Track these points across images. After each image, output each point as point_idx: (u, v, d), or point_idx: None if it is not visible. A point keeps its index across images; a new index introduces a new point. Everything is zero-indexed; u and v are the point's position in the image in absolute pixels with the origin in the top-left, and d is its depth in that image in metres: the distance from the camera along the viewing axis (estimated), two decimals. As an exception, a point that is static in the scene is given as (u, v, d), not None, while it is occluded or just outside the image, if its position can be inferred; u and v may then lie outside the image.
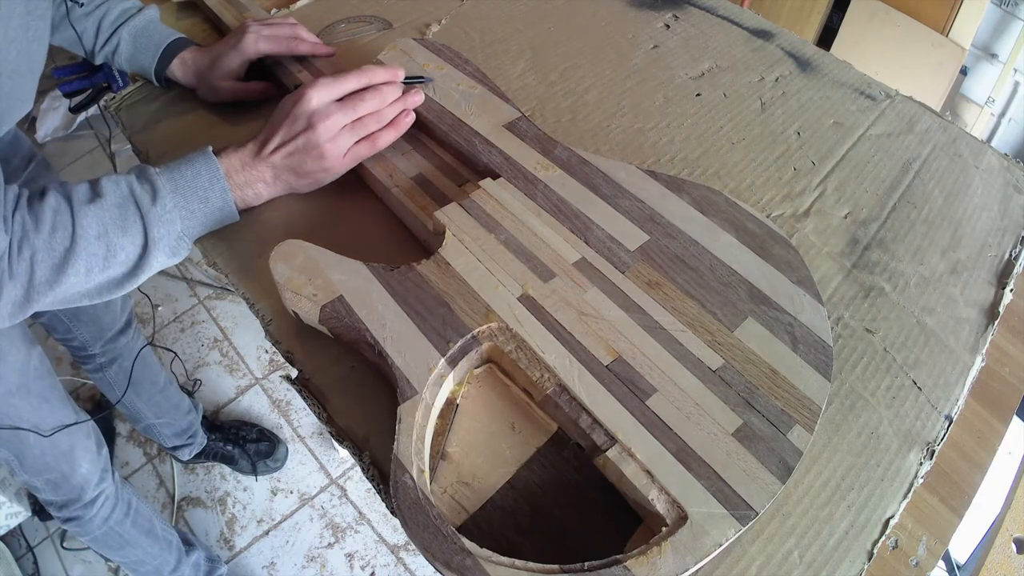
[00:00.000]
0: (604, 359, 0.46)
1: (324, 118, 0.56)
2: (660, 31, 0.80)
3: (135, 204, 0.51)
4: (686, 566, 0.38)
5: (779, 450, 0.42)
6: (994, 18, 1.76)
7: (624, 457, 0.42)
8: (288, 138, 0.56)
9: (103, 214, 0.49)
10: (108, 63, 0.71)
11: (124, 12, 0.68)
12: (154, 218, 0.51)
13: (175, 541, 1.12)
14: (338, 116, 0.56)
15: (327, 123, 0.56)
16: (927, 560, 0.45)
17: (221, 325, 1.67)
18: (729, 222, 0.54)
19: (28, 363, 0.79)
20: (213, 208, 0.54)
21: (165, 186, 0.52)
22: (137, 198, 0.51)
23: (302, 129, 0.56)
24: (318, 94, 0.56)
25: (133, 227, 0.50)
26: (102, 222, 0.49)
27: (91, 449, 0.90)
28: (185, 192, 0.53)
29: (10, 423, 0.79)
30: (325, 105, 0.56)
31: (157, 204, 0.51)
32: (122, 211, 0.50)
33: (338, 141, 0.57)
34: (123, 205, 0.50)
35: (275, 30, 0.71)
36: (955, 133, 0.69)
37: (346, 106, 0.57)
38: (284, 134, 0.56)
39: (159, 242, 0.52)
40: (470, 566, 0.37)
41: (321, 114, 0.56)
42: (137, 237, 0.51)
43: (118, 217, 0.50)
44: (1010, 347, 0.56)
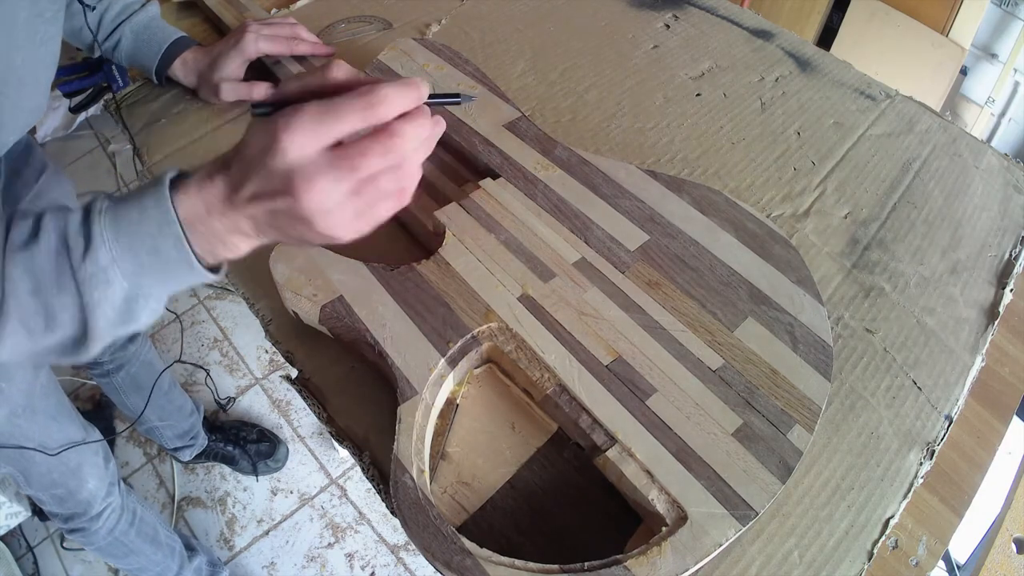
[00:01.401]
0: (604, 359, 0.46)
1: (307, 184, 0.37)
2: (660, 31, 0.80)
3: (67, 256, 0.39)
4: (686, 566, 0.38)
5: (779, 450, 0.42)
6: (994, 18, 1.76)
7: (624, 457, 0.42)
8: (263, 192, 0.38)
9: (36, 265, 0.39)
10: (108, 59, 0.71)
11: (126, 8, 0.68)
12: (85, 277, 0.39)
13: (178, 547, 1.12)
14: (329, 182, 0.37)
15: (313, 192, 0.37)
16: (927, 560, 0.45)
17: (221, 325, 1.67)
18: (729, 222, 0.54)
19: (35, 383, 0.78)
20: (169, 261, 0.40)
21: (104, 234, 0.39)
22: (70, 248, 0.39)
23: (279, 191, 0.38)
24: (297, 140, 0.36)
25: (67, 285, 0.39)
26: (34, 275, 0.39)
27: (99, 465, 0.90)
28: (131, 241, 0.39)
29: (15, 443, 0.78)
30: (310, 160, 0.37)
31: (87, 260, 0.39)
32: (57, 263, 0.39)
33: (336, 215, 0.39)
34: (58, 255, 0.39)
35: (275, 30, 0.71)
36: (955, 133, 0.69)
37: (342, 164, 0.37)
38: (258, 184, 0.38)
39: (97, 308, 0.40)
40: (470, 566, 0.37)
41: (303, 176, 0.37)
42: (70, 299, 0.39)
43: (53, 270, 0.39)
44: (1010, 347, 0.56)
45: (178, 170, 0.41)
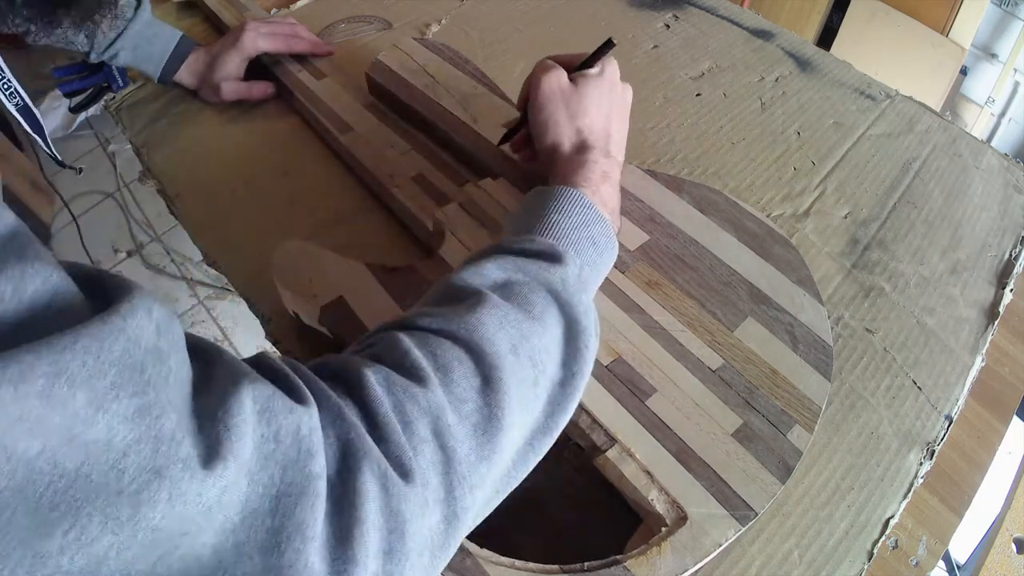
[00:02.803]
0: (604, 359, 0.46)
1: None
2: (660, 31, 0.80)
3: (531, 279, 0.36)
4: (685, 566, 0.38)
5: (779, 450, 0.42)
6: (994, 18, 1.76)
7: (624, 457, 0.42)
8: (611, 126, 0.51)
9: (501, 312, 0.33)
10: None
11: (118, 18, 0.64)
12: (573, 283, 0.37)
13: None
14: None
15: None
16: (927, 560, 0.45)
17: (221, 325, 1.66)
18: (729, 222, 0.54)
19: None
20: (603, 249, 0.44)
21: (548, 240, 0.40)
22: (530, 270, 0.37)
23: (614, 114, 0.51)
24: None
25: (548, 313, 0.35)
26: (508, 323, 0.33)
27: None
28: (575, 237, 0.41)
29: None
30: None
31: (567, 261, 0.38)
32: (519, 299, 0.35)
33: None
34: (513, 289, 0.35)
35: (274, 28, 0.71)
36: (955, 133, 0.69)
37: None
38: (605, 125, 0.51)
39: (589, 314, 0.37)
40: (470, 566, 0.37)
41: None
42: (557, 327, 0.35)
43: (520, 309, 0.34)
44: (1010, 347, 0.56)
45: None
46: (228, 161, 0.66)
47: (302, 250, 0.51)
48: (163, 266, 1.76)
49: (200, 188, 0.64)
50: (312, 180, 0.64)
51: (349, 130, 0.64)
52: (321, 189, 0.63)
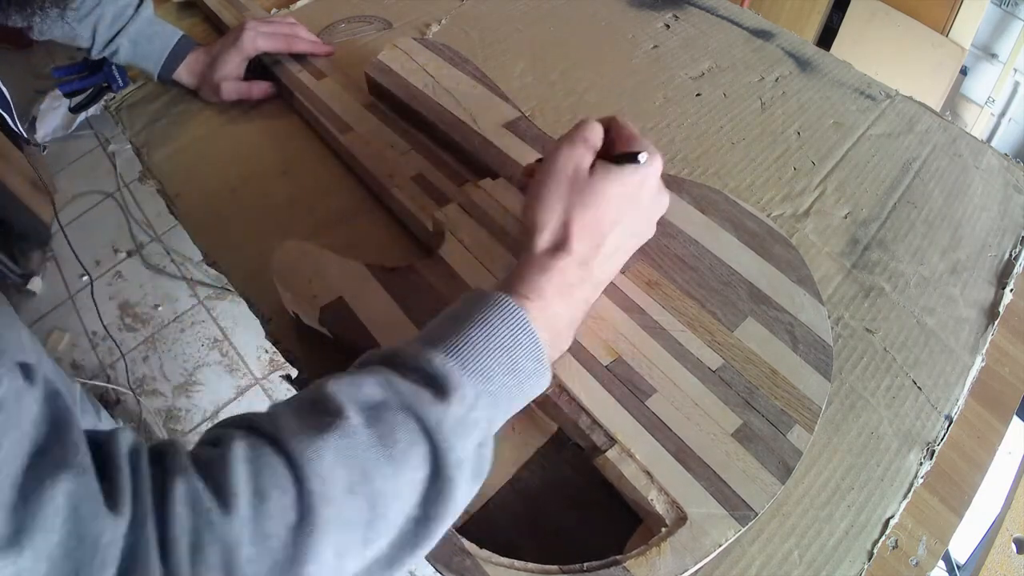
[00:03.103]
0: (604, 359, 0.46)
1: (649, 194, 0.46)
2: (660, 31, 0.80)
3: (406, 411, 0.32)
4: (685, 566, 0.38)
5: (779, 450, 0.42)
6: (994, 18, 1.76)
7: (623, 457, 0.42)
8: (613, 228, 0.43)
9: (350, 444, 0.30)
10: (108, 59, 0.71)
11: (119, 15, 0.66)
12: (451, 426, 0.33)
13: None
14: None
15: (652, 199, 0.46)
16: (927, 560, 0.45)
17: (221, 325, 1.66)
18: (729, 221, 0.54)
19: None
20: (526, 377, 0.37)
21: (449, 366, 0.34)
22: (408, 400, 0.33)
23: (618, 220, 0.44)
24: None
25: (410, 454, 0.31)
26: (353, 460, 0.30)
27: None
28: (486, 365, 0.35)
29: None
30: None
31: (452, 402, 0.33)
32: (383, 430, 0.31)
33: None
34: (382, 419, 0.32)
35: (274, 28, 0.71)
36: (955, 133, 0.69)
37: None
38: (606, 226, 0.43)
39: (463, 463, 0.33)
40: (469, 567, 0.37)
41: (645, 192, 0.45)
42: (420, 469, 0.32)
43: (379, 443, 0.31)
44: (1010, 347, 0.56)
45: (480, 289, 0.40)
46: (228, 161, 0.66)
47: (302, 250, 0.51)
48: (163, 266, 1.76)
49: (200, 188, 0.64)
50: (312, 180, 0.64)
51: (349, 130, 0.64)
52: (321, 189, 0.63)
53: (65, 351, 1.60)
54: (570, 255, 0.42)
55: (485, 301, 0.38)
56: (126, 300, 1.70)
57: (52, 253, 1.77)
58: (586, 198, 0.42)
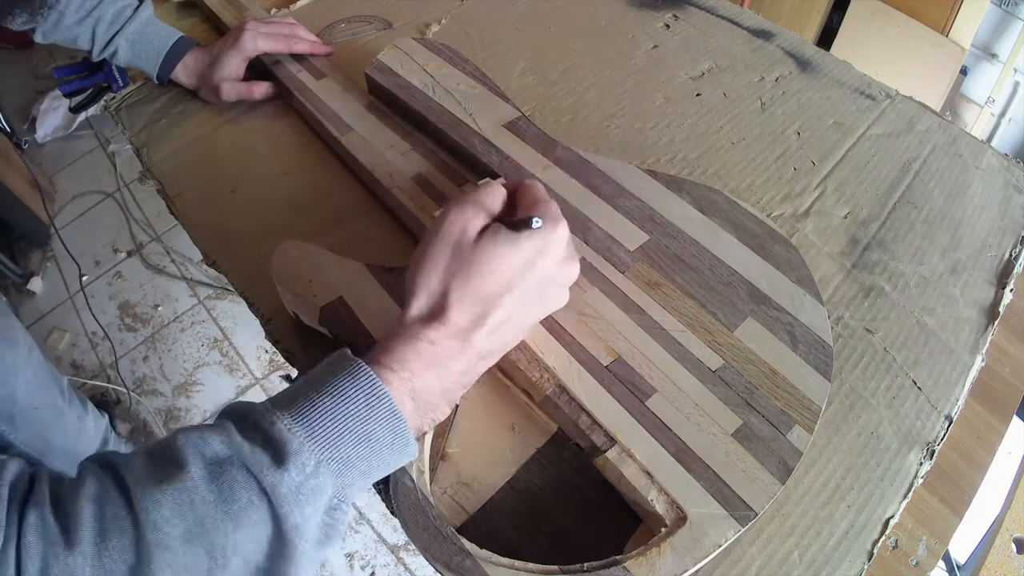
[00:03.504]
0: (604, 360, 0.46)
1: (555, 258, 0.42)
2: (660, 31, 0.80)
3: (247, 471, 0.32)
4: (685, 567, 0.37)
5: (779, 450, 0.42)
6: (994, 18, 1.76)
7: (623, 458, 0.42)
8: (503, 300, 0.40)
9: (188, 498, 0.31)
10: (108, 61, 0.71)
11: (118, 16, 0.67)
12: (289, 491, 0.32)
13: None
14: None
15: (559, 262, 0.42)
16: (927, 560, 0.45)
17: (221, 325, 1.66)
18: (729, 221, 0.54)
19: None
20: (381, 447, 0.36)
21: (294, 431, 0.34)
22: (248, 461, 0.32)
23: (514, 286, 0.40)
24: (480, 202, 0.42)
25: (249, 511, 0.32)
26: (190, 512, 0.31)
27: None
28: (334, 433, 0.34)
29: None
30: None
31: (289, 467, 0.32)
32: (223, 487, 0.32)
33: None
34: (224, 476, 0.32)
35: (273, 28, 0.71)
36: (955, 133, 0.69)
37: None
38: (492, 299, 0.40)
39: (302, 528, 0.33)
40: (469, 567, 0.37)
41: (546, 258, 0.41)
42: (260, 527, 0.32)
43: (217, 499, 0.31)
44: (1010, 347, 0.56)
45: (347, 350, 0.38)
46: (228, 161, 0.66)
47: (301, 251, 0.51)
48: (163, 266, 1.76)
49: (200, 188, 0.64)
50: (312, 180, 0.64)
51: (349, 130, 0.64)
52: (321, 189, 0.63)
53: (65, 351, 1.60)
54: (444, 326, 0.39)
55: (343, 368, 0.36)
56: (126, 300, 1.70)
57: (52, 253, 1.77)
58: (469, 266, 0.39)
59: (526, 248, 0.40)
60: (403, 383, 0.37)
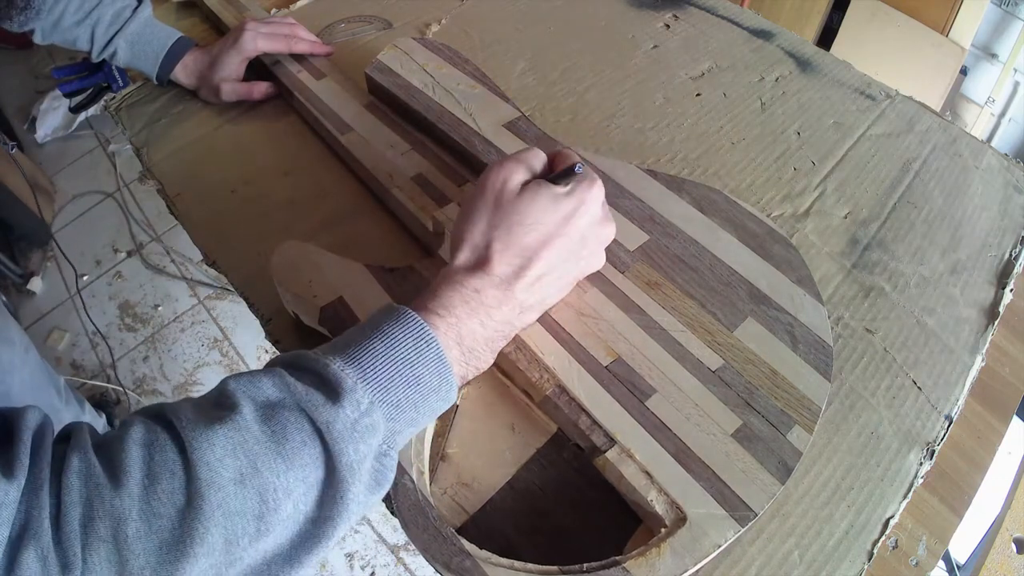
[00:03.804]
0: (603, 360, 0.46)
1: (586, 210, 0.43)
2: (660, 31, 0.80)
3: (300, 411, 0.32)
4: (685, 567, 0.37)
5: (778, 451, 0.42)
6: (994, 18, 1.76)
7: (623, 458, 0.42)
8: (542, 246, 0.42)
9: (241, 438, 0.31)
10: (108, 62, 0.71)
11: (116, 17, 0.67)
12: (343, 429, 0.32)
13: None
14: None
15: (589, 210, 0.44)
16: (927, 560, 0.45)
17: (221, 325, 1.66)
18: (729, 221, 0.54)
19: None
20: (428, 391, 0.37)
21: (346, 371, 0.34)
22: (302, 400, 0.33)
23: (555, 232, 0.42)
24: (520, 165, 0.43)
25: (302, 452, 0.32)
26: (243, 453, 0.31)
27: None
28: (386, 375, 0.35)
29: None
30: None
31: (345, 405, 0.33)
32: (276, 428, 0.32)
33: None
34: (276, 417, 0.32)
35: (273, 28, 0.71)
36: (955, 133, 0.69)
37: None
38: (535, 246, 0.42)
39: (355, 467, 0.33)
40: (469, 567, 0.37)
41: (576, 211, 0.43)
42: (312, 468, 0.32)
43: (270, 439, 0.31)
44: (1010, 347, 0.56)
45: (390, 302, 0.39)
46: (228, 161, 0.66)
47: (301, 251, 0.51)
48: (163, 266, 1.76)
49: (200, 188, 0.64)
50: (312, 180, 0.64)
51: (349, 130, 0.64)
52: (321, 189, 0.63)
53: (65, 351, 1.60)
54: (488, 275, 0.41)
55: (391, 314, 0.37)
56: (126, 300, 1.70)
57: (52, 253, 1.77)
58: (511, 217, 0.41)
59: (565, 204, 0.42)
60: (450, 328, 0.39)
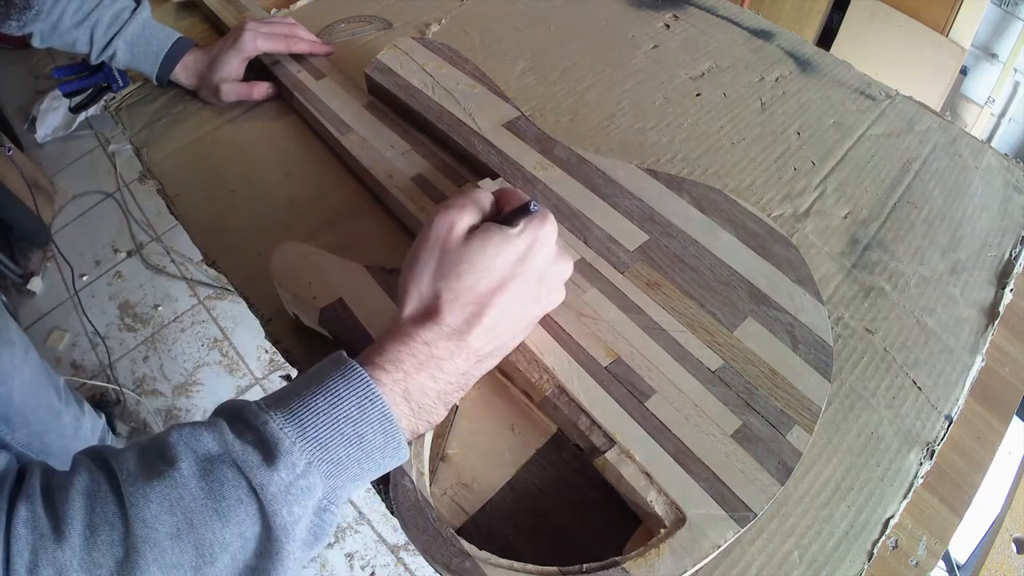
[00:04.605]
0: (603, 360, 0.46)
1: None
2: (660, 31, 0.80)
3: (237, 469, 0.32)
4: (684, 568, 0.37)
5: (778, 451, 0.42)
6: (994, 18, 1.76)
7: (623, 459, 0.42)
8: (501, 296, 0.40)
9: (178, 495, 0.31)
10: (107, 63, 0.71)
11: (115, 19, 0.66)
12: (279, 490, 0.32)
13: None
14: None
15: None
16: (927, 560, 0.45)
17: (221, 325, 1.66)
18: (729, 221, 0.54)
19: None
20: (372, 449, 0.36)
21: (286, 431, 0.33)
22: (239, 459, 0.32)
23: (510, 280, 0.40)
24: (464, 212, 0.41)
25: (239, 509, 0.32)
26: (179, 509, 0.31)
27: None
28: (326, 434, 0.34)
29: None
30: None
31: (280, 467, 0.32)
32: (213, 485, 0.32)
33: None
34: (214, 473, 0.32)
35: (273, 28, 0.71)
36: (955, 133, 0.69)
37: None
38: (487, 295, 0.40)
39: (290, 528, 0.33)
40: (469, 568, 0.37)
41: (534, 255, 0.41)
42: (248, 524, 0.32)
43: (207, 496, 0.32)
44: (1010, 347, 0.56)
45: (343, 351, 0.38)
46: (228, 161, 0.66)
47: (301, 252, 0.51)
48: (163, 266, 1.76)
49: (200, 188, 0.64)
50: (312, 180, 0.64)
51: (348, 130, 0.64)
52: (321, 189, 0.63)
53: (65, 351, 1.60)
54: (438, 326, 0.39)
55: (338, 367, 0.36)
56: (126, 300, 1.70)
57: (52, 253, 1.77)
58: (459, 264, 0.39)
59: (517, 244, 0.40)
60: (396, 384, 0.37)
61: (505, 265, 0.39)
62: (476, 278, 0.39)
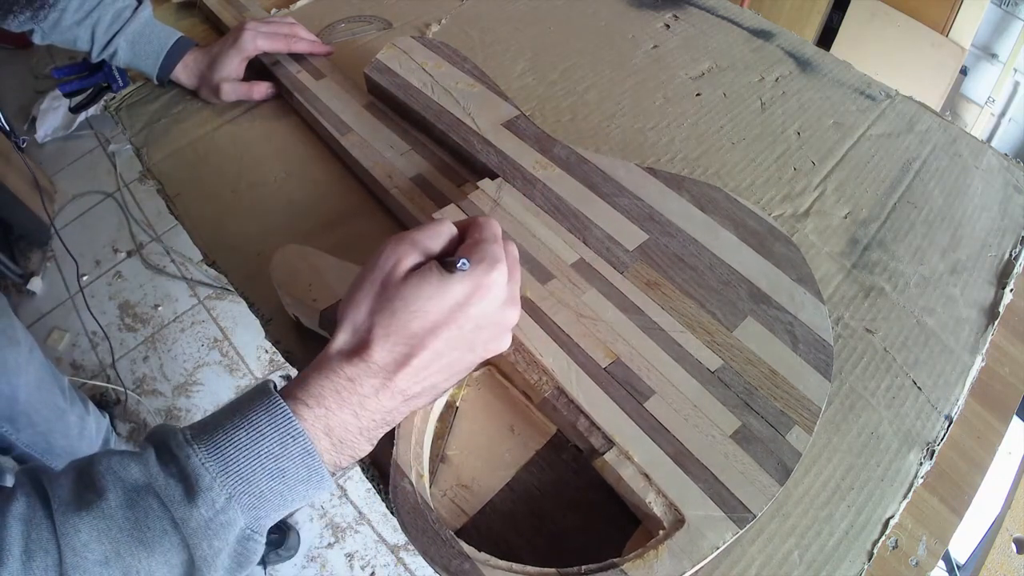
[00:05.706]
0: (602, 361, 0.46)
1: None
2: (660, 31, 0.80)
3: (160, 501, 0.33)
4: (683, 569, 0.37)
5: (777, 452, 0.42)
6: (994, 18, 1.76)
7: (622, 460, 0.42)
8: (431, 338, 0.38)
9: (106, 525, 0.32)
10: (108, 62, 0.71)
11: (117, 17, 0.67)
12: (198, 525, 0.33)
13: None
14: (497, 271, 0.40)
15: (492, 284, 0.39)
16: (927, 560, 0.45)
17: (221, 325, 1.66)
18: (729, 219, 0.53)
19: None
20: (295, 482, 0.36)
21: (207, 467, 0.34)
22: (162, 492, 0.33)
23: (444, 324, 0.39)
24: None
25: (163, 540, 0.33)
26: (107, 539, 0.32)
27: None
28: (246, 469, 0.35)
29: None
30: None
31: (199, 503, 0.33)
32: (139, 515, 0.33)
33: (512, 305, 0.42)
34: (140, 504, 0.33)
35: (273, 27, 0.71)
36: (955, 133, 0.69)
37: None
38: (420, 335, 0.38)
39: (210, 560, 0.34)
40: (468, 570, 0.37)
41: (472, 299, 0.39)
42: (172, 554, 0.33)
43: (133, 527, 0.33)
44: (1010, 347, 0.56)
45: (271, 381, 0.38)
46: (228, 161, 0.66)
47: (301, 254, 0.51)
48: (163, 266, 1.76)
49: (200, 188, 0.64)
50: (312, 180, 0.64)
51: (348, 130, 0.64)
52: (321, 189, 0.63)
53: (65, 351, 1.60)
54: (365, 362, 0.37)
55: (262, 401, 0.36)
56: (126, 300, 1.70)
57: (52, 253, 1.77)
58: (395, 301, 0.38)
59: (455, 290, 0.38)
60: (318, 420, 0.37)
61: (439, 309, 0.38)
62: (408, 318, 0.38)
